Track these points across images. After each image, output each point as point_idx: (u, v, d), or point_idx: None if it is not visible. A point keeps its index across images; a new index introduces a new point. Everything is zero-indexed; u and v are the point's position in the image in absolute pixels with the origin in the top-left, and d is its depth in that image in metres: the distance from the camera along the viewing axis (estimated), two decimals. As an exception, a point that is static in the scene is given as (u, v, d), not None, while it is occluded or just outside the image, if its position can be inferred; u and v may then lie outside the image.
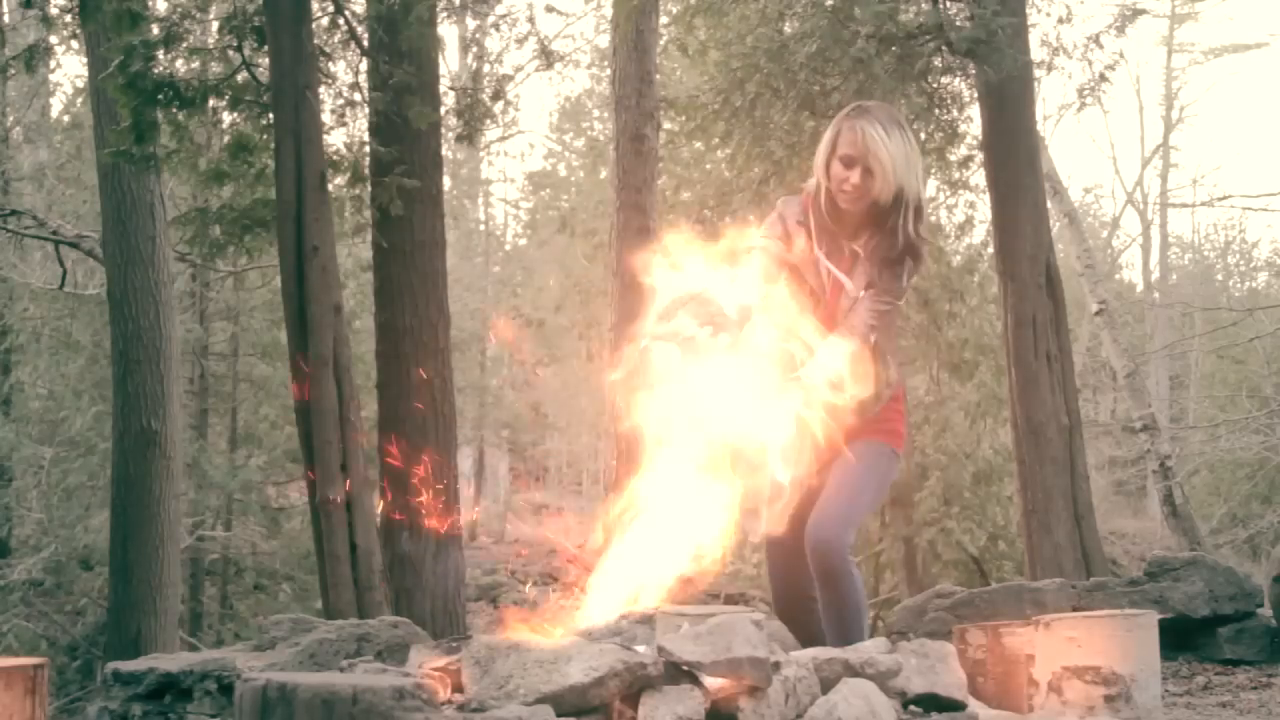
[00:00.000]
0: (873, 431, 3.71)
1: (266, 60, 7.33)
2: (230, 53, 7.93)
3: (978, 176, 13.08)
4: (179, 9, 8.11)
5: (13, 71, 10.58)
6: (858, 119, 3.55)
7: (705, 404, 3.39)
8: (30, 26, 12.14)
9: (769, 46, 9.55)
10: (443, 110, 8.77)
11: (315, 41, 7.49)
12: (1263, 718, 4.56)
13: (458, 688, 2.73)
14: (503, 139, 24.55)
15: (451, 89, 9.22)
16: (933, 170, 12.16)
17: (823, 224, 3.66)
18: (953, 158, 12.02)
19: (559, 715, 2.50)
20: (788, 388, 3.44)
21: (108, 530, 10.46)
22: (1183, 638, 6.06)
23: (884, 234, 3.60)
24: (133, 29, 7.21)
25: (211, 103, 7.99)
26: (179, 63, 8.05)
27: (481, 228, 29.39)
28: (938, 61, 9.26)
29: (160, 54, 7.71)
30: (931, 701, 2.99)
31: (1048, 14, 10.34)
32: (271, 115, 7.30)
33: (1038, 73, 9.67)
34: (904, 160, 3.53)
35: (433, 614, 7.97)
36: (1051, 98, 37.21)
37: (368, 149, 8.43)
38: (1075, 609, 5.81)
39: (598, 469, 29.28)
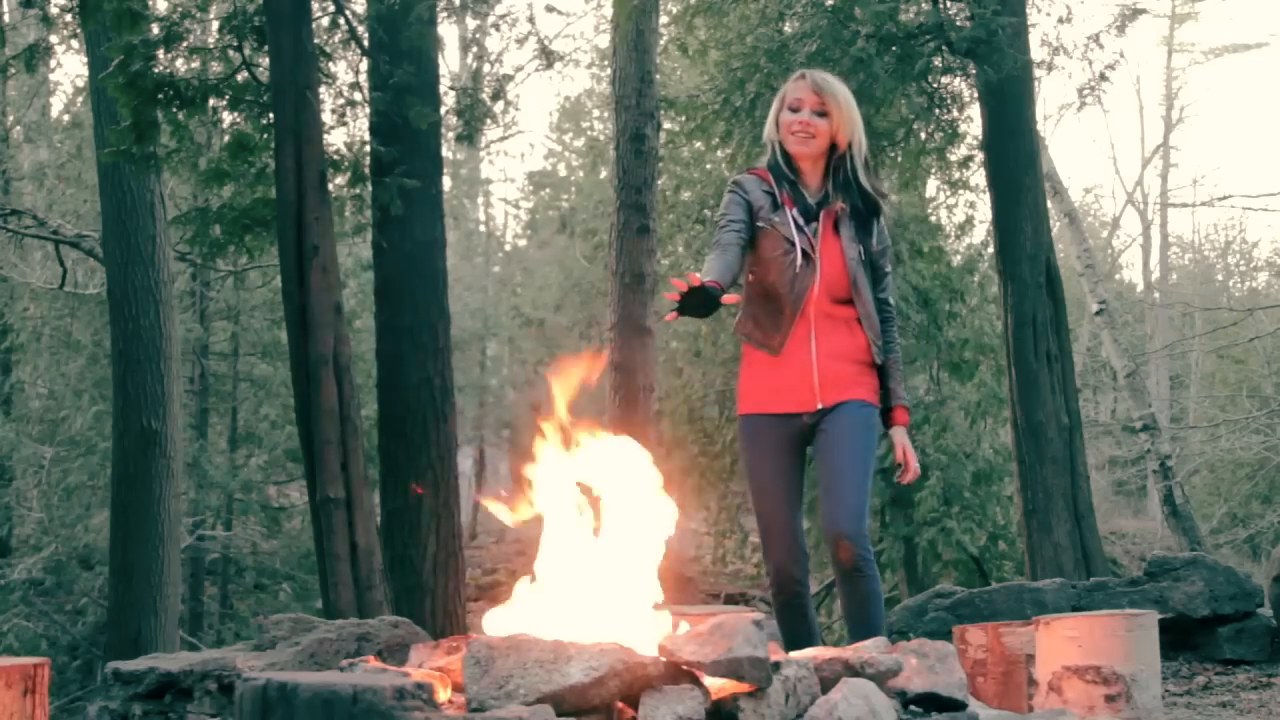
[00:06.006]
0: (863, 388, 3.72)
1: (266, 60, 7.33)
2: (230, 53, 7.93)
3: (978, 176, 13.09)
4: (179, 9, 8.11)
5: (13, 71, 10.57)
6: (806, 73, 3.81)
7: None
8: (30, 26, 12.14)
9: (769, 46, 9.55)
10: (443, 110, 8.77)
11: (315, 41, 7.49)
12: (1263, 718, 4.57)
13: (458, 688, 2.73)
14: (503, 139, 24.59)
15: (451, 89, 9.23)
16: (933, 170, 12.16)
17: (785, 180, 3.75)
18: (953, 158, 12.01)
19: (559, 715, 2.50)
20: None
21: (108, 530, 10.46)
22: (1183, 638, 6.07)
23: (842, 188, 3.74)
24: (133, 29, 7.21)
25: (211, 103, 7.99)
26: (179, 62, 8.05)
27: (481, 228, 29.40)
28: (938, 61, 9.25)
29: (160, 54, 7.70)
30: (931, 701, 2.98)
31: (1048, 14, 10.36)
32: (271, 115, 7.30)
33: (1038, 73, 9.66)
34: (855, 107, 3.76)
35: (433, 614, 7.97)
36: (1051, 98, 37.21)
37: (368, 149, 8.44)
38: (1075, 609, 5.82)
39: (598, 469, 29.21)
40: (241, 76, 7.87)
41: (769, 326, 3.70)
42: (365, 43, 8.38)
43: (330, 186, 7.52)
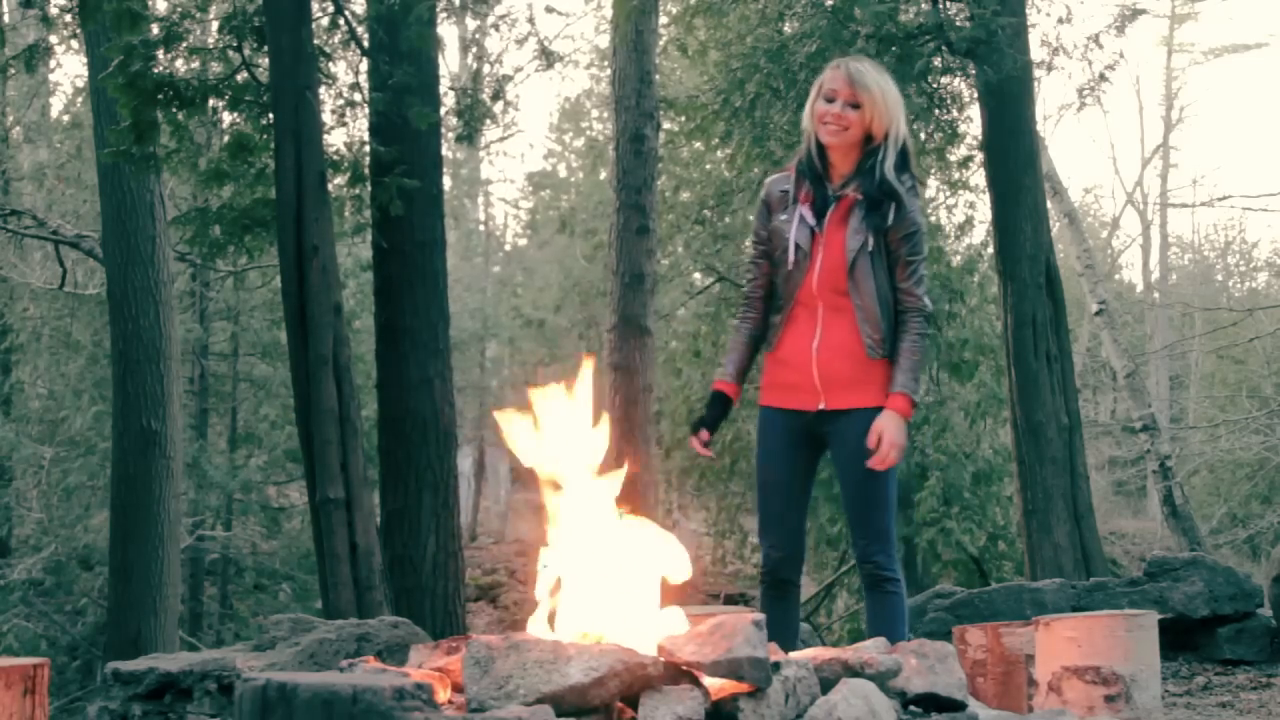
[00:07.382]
0: (871, 389, 3.62)
1: (266, 61, 7.33)
2: (230, 53, 7.93)
3: (978, 176, 13.09)
4: (179, 9, 8.11)
5: (13, 71, 10.57)
6: (842, 62, 3.71)
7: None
8: (30, 26, 12.15)
9: (769, 46, 9.55)
10: (443, 110, 8.77)
11: (315, 41, 7.49)
12: (1263, 718, 4.57)
13: (458, 688, 2.73)
14: (502, 139, 24.58)
15: (451, 89, 9.23)
16: (933, 170, 12.16)
17: (814, 174, 3.68)
18: (953, 158, 12.02)
19: (559, 715, 2.50)
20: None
21: (108, 530, 10.46)
22: (1183, 638, 6.07)
23: (864, 175, 3.63)
24: (133, 29, 7.21)
25: (211, 103, 7.99)
26: (179, 63, 8.05)
27: (481, 228, 29.40)
28: (938, 61, 9.25)
29: (160, 54, 7.70)
30: (931, 701, 2.98)
31: (1048, 14, 10.34)
32: (271, 115, 7.30)
33: (1038, 73, 9.66)
34: (894, 97, 3.65)
35: (433, 614, 7.97)
36: (1051, 98, 37.21)
37: (368, 149, 8.44)
38: (1075, 609, 5.82)
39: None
40: (241, 77, 7.87)
41: (773, 323, 3.75)
42: (365, 43, 8.38)
43: (330, 186, 7.52)
